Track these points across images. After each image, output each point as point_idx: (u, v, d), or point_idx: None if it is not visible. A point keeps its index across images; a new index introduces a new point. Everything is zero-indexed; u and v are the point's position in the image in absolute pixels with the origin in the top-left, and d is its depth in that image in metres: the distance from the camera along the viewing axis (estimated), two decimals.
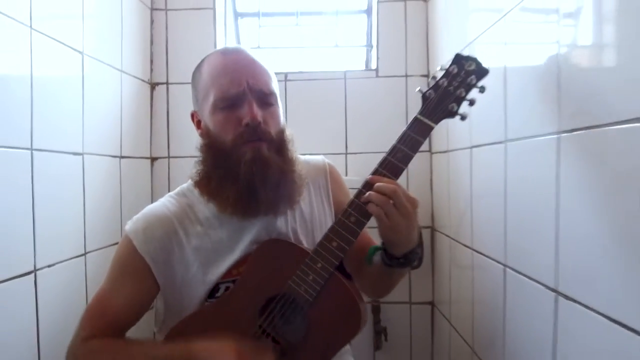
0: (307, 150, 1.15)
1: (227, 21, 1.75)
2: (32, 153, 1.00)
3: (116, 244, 1.36)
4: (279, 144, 0.88)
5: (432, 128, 0.83)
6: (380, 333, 1.58)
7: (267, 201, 0.85)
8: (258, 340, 0.84)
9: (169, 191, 1.59)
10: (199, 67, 0.91)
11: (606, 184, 0.65)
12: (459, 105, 0.84)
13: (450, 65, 0.85)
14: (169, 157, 1.66)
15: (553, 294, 0.78)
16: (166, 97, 1.66)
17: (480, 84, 0.84)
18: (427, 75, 1.62)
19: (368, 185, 0.80)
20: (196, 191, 0.93)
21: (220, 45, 1.68)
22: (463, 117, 0.85)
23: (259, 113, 0.83)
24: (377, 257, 0.89)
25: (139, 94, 1.57)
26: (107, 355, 0.84)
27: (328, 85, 1.63)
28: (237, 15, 1.80)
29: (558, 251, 0.77)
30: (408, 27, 1.63)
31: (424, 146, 1.58)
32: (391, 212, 0.76)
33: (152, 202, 1.59)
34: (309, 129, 1.60)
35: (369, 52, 1.72)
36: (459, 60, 0.85)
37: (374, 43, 1.67)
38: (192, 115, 0.94)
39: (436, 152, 1.58)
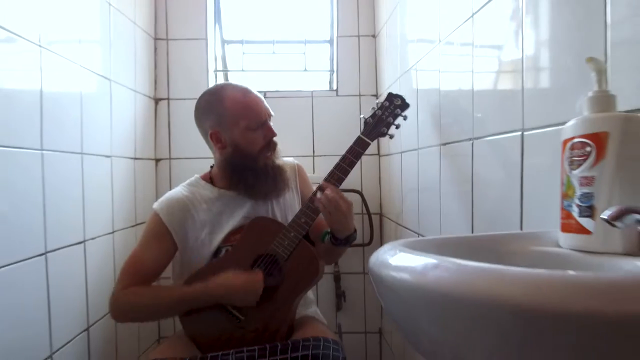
0: (284, 153, 1.56)
1: (216, 48, 2.14)
2: (82, 157, 1.39)
3: (132, 226, 1.76)
4: (277, 153, 1.32)
5: (369, 144, 1.28)
6: (340, 296, 2.01)
7: (274, 190, 1.30)
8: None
9: (169, 184, 2.00)
10: (220, 102, 1.26)
11: (456, 176, 1.09)
12: (388, 128, 1.28)
13: (384, 101, 1.29)
14: (169, 158, 2.05)
15: None
16: (167, 110, 2.04)
17: (404, 114, 1.28)
18: (375, 95, 2.05)
19: (321, 188, 1.23)
20: (202, 182, 1.35)
21: (211, 69, 2.08)
22: (391, 137, 1.29)
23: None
24: (327, 239, 1.31)
25: (146, 108, 1.95)
26: (141, 297, 1.22)
27: (299, 102, 2.05)
28: (224, 42, 2.20)
29: (440, 218, 1.21)
30: (361, 56, 2.07)
31: (374, 150, 2.03)
32: (333, 211, 1.19)
33: (156, 194, 1.99)
34: (285, 137, 1.99)
35: (331, 75, 2.15)
36: (390, 97, 1.30)
37: (335, 68, 2.10)
38: (212, 135, 1.28)
39: (383, 155, 2.02)
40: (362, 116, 1.31)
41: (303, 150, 2.04)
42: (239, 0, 2.18)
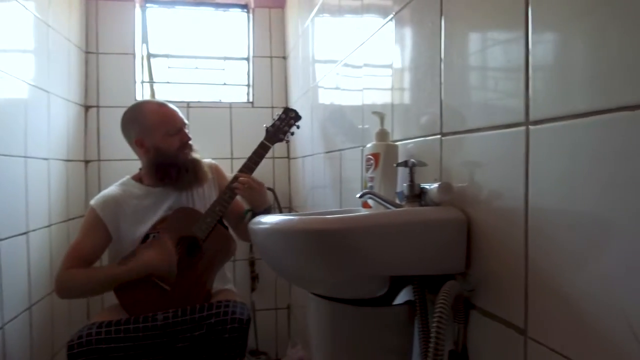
0: (207, 156, 1.87)
1: (143, 61, 2.39)
2: (25, 160, 1.62)
3: (65, 220, 1.97)
4: (192, 150, 1.62)
5: (270, 147, 1.64)
6: (254, 279, 2.35)
7: (194, 180, 1.59)
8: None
9: (98, 184, 2.22)
10: (141, 114, 1.56)
11: (333, 177, 1.49)
12: (285, 135, 1.65)
13: (282, 114, 1.66)
14: (99, 160, 2.27)
15: None
16: (97, 116, 2.26)
17: (297, 124, 1.66)
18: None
19: (235, 178, 1.57)
20: (132, 181, 1.63)
21: (138, 80, 2.33)
22: (287, 142, 1.66)
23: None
24: (248, 215, 1.65)
25: (77, 114, 2.17)
26: (81, 275, 1.48)
27: (219, 112, 2.37)
28: (150, 56, 2.45)
29: (326, 208, 1.60)
30: (273, 74, 2.43)
31: (284, 153, 2.39)
32: (247, 190, 1.53)
33: (85, 192, 2.20)
34: (207, 142, 2.31)
35: (249, 89, 2.48)
36: (286, 110, 1.67)
37: (251, 83, 2.44)
38: (137, 142, 1.56)
39: (292, 158, 2.39)
40: (264, 125, 1.66)
41: (222, 153, 2.35)
42: (164, 18, 2.45)
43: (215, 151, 2.31)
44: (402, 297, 0.79)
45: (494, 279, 0.63)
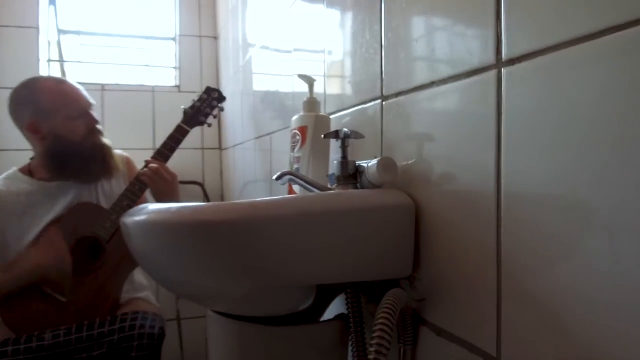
0: (121, 145, 1.61)
1: (51, 37, 2.08)
2: None
3: None
4: (101, 134, 1.37)
5: (188, 131, 1.41)
6: None
7: (102, 171, 1.34)
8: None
9: None
10: (36, 93, 1.28)
11: (264, 167, 1.29)
12: (206, 118, 1.43)
13: (203, 94, 1.44)
14: None
15: None
16: None
17: (220, 105, 1.44)
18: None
19: (146, 165, 1.34)
20: (20, 174, 1.35)
21: (43, 58, 2.01)
22: (209, 125, 1.44)
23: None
24: None
25: None
26: None
27: (140, 96, 2.10)
28: (59, 32, 2.14)
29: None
30: (203, 55, 2.19)
31: (215, 144, 2.17)
32: (156, 180, 1.30)
33: None
34: (125, 130, 2.04)
35: (176, 71, 2.23)
36: (208, 90, 1.45)
37: (178, 65, 2.19)
38: (30, 126, 1.28)
39: (223, 149, 2.17)
40: (182, 107, 1.44)
41: (143, 143, 2.09)
42: None
43: (135, 141, 2.05)
44: (332, 310, 0.62)
45: (452, 286, 0.47)
